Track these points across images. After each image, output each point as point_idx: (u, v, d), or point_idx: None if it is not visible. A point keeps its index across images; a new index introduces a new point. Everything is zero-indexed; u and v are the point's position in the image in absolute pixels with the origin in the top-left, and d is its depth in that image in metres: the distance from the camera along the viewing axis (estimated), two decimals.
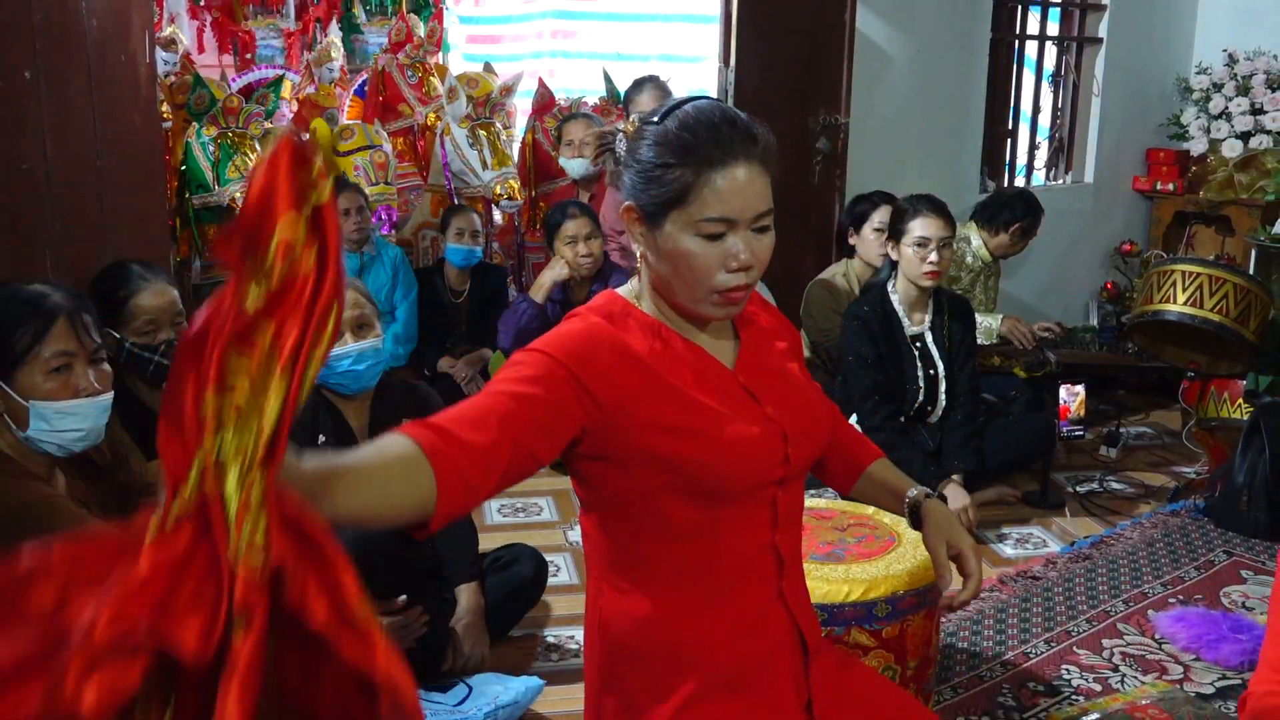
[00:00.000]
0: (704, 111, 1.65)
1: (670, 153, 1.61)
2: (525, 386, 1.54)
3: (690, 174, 1.60)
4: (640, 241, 1.66)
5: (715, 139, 1.62)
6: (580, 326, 1.65)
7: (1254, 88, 5.66)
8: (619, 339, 1.64)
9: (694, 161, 1.60)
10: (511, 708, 2.56)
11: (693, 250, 1.61)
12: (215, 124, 4.31)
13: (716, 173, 1.60)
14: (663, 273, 1.65)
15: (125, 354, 2.85)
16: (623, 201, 1.69)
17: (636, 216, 1.65)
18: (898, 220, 3.82)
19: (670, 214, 1.61)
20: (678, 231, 1.61)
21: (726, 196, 1.60)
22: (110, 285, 2.86)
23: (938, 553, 1.79)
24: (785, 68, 4.64)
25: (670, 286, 1.66)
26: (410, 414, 2.74)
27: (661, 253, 1.63)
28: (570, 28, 6.91)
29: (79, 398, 2.09)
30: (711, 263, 1.61)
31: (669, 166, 1.60)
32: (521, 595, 2.89)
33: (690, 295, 1.64)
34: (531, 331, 4.34)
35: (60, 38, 2.95)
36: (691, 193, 1.60)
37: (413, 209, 5.22)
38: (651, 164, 1.62)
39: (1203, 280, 4.00)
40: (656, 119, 1.65)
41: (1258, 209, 5.58)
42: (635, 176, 1.64)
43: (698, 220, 1.60)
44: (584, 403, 1.57)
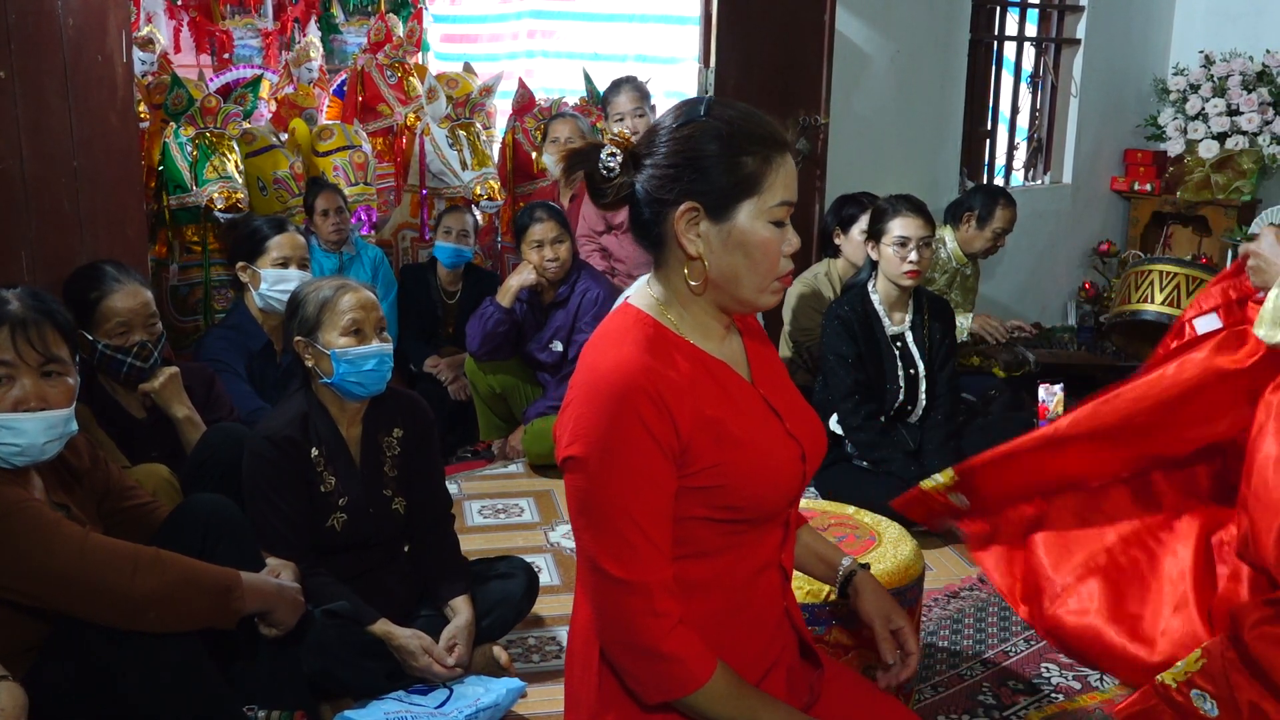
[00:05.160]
0: (738, 103, 1.66)
1: (737, 142, 1.60)
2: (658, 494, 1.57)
3: (760, 161, 1.60)
4: (698, 242, 1.63)
5: (772, 127, 1.63)
6: (643, 384, 1.57)
7: (1230, 89, 5.70)
8: (671, 383, 1.60)
9: (763, 148, 1.61)
10: (492, 710, 2.55)
11: (767, 238, 1.62)
12: (193, 124, 4.28)
13: (780, 158, 1.62)
14: (728, 267, 1.63)
15: (98, 356, 2.83)
16: (674, 204, 1.63)
17: (700, 214, 1.62)
18: (877, 220, 3.84)
19: (742, 204, 1.60)
20: (751, 221, 1.61)
21: (789, 181, 1.63)
22: (82, 287, 2.85)
23: (880, 631, 1.87)
24: (765, 68, 4.65)
25: (737, 281, 1.64)
26: (404, 425, 2.76)
27: (731, 246, 1.62)
28: (548, 27, 6.89)
29: (17, 411, 2.05)
30: (779, 249, 1.63)
31: (739, 155, 1.60)
32: (511, 609, 2.88)
33: (757, 286, 1.65)
34: (500, 335, 4.33)
35: (36, 37, 2.93)
36: (764, 180, 1.60)
37: (392, 209, 5.20)
38: (717, 156, 1.60)
39: (1180, 280, 4.03)
40: (690, 117, 1.63)
41: (1234, 209, 5.63)
42: (693, 173, 1.60)
43: (771, 206, 1.61)
44: (671, 458, 1.59)
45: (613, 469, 1.55)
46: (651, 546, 1.58)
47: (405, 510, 2.79)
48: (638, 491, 1.56)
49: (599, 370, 1.59)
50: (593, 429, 1.56)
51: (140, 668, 2.05)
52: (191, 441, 2.93)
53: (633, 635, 1.59)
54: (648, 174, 1.65)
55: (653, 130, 1.68)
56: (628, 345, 1.62)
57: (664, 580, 1.59)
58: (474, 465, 4.42)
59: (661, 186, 1.63)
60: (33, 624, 2.05)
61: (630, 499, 1.56)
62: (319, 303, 2.68)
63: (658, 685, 1.60)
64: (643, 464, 1.55)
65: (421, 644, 2.60)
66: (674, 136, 1.63)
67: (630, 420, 1.55)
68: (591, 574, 1.61)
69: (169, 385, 2.95)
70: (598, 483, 1.56)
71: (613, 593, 1.58)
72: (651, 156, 1.65)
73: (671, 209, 1.63)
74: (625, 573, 1.56)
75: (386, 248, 5.06)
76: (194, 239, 4.38)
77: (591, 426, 1.56)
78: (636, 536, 1.56)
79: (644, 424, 1.55)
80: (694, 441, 1.59)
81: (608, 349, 1.63)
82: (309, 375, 2.72)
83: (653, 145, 1.66)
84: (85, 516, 2.22)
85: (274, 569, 2.44)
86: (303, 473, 2.65)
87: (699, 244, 1.63)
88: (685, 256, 1.64)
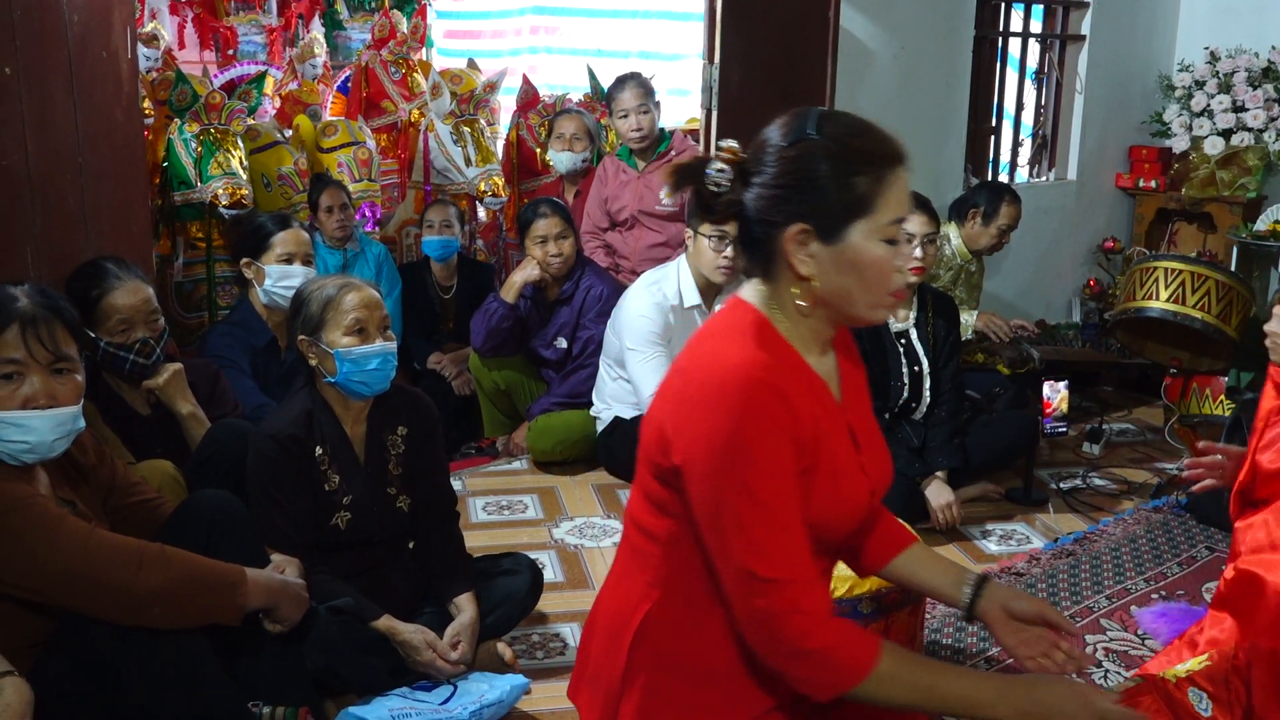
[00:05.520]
0: (851, 116, 1.63)
1: (849, 162, 1.57)
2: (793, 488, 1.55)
3: (873, 180, 1.57)
4: (809, 263, 1.60)
5: (884, 141, 1.61)
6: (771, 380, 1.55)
7: (1235, 85, 5.69)
8: (792, 387, 1.57)
9: (875, 167, 1.58)
10: (496, 706, 2.56)
11: (881, 257, 1.59)
12: (197, 120, 4.28)
13: (893, 174, 1.59)
14: (840, 287, 1.61)
15: (101, 353, 2.83)
16: (784, 225, 1.60)
17: (811, 236, 1.59)
18: None
19: (854, 224, 1.57)
20: (864, 241, 1.58)
21: (903, 197, 1.60)
22: (83, 285, 2.85)
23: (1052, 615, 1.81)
24: (769, 65, 4.64)
25: (849, 300, 1.62)
26: (408, 423, 2.76)
27: (844, 266, 1.59)
28: (552, 23, 6.89)
29: (27, 409, 2.05)
30: (893, 266, 1.61)
31: (851, 176, 1.57)
32: (516, 606, 2.88)
33: (869, 303, 1.63)
34: (504, 331, 4.34)
35: (40, 33, 2.93)
36: (876, 199, 1.57)
37: (396, 206, 5.20)
38: (828, 177, 1.57)
39: (1185, 277, 4.02)
40: (800, 135, 1.60)
41: (1239, 206, 5.61)
42: (803, 195, 1.58)
43: (884, 225, 1.58)
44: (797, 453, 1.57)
45: (748, 465, 1.52)
46: (794, 542, 1.56)
47: (410, 508, 2.79)
48: (775, 486, 1.53)
49: (720, 367, 1.56)
50: (718, 429, 1.53)
51: (145, 664, 2.05)
52: (196, 438, 2.93)
53: (787, 640, 1.55)
54: (756, 192, 1.62)
55: (761, 146, 1.64)
56: (750, 344, 1.59)
57: (810, 576, 1.57)
58: (478, 462, 4.42)
59: (771, 207, 1.61)
60: (37, 620, 2.06)
61: (769, 495, 1.53)
62: (322, 301, 2.67)
63: (819, 680, 1.56)
64: (777, 457, 1.53)
65: (425, 639, 2.60)
66: (783, 156, 1.60)
67: (759, 414, 1.52)
68: (736, 581, 1.56)
69: (172, 382, 2.95)
70: (732, 482, 1.53)
71: (761, 596, 1.54)
72: (760, 175, 1.62)
73: (781, 229, 1.60)
74: (772, 571, 1.53)
75: (391, 244, 5.06)
76: (198, 235, 4.39)
77: (716, 427, 1.53)
78: (779, 533, 1.54)
79: (773, 417, 1.52)
80: (804, 451, 1.57)
81: (726, 346, 1.60)
82: (313, 373, 2.72)
83: (761, 163, 1.62)
84: (91, 513, 2.22)
85: (278, 565, 2.44)
86: (307, 471, 2.65)
87: (810, 265, 1.60)
88: (795, 276, 1.62)
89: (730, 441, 1.52)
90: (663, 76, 5.71)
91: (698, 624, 1.66)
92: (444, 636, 2.65)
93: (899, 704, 1.59)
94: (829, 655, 1.55)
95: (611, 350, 4.16)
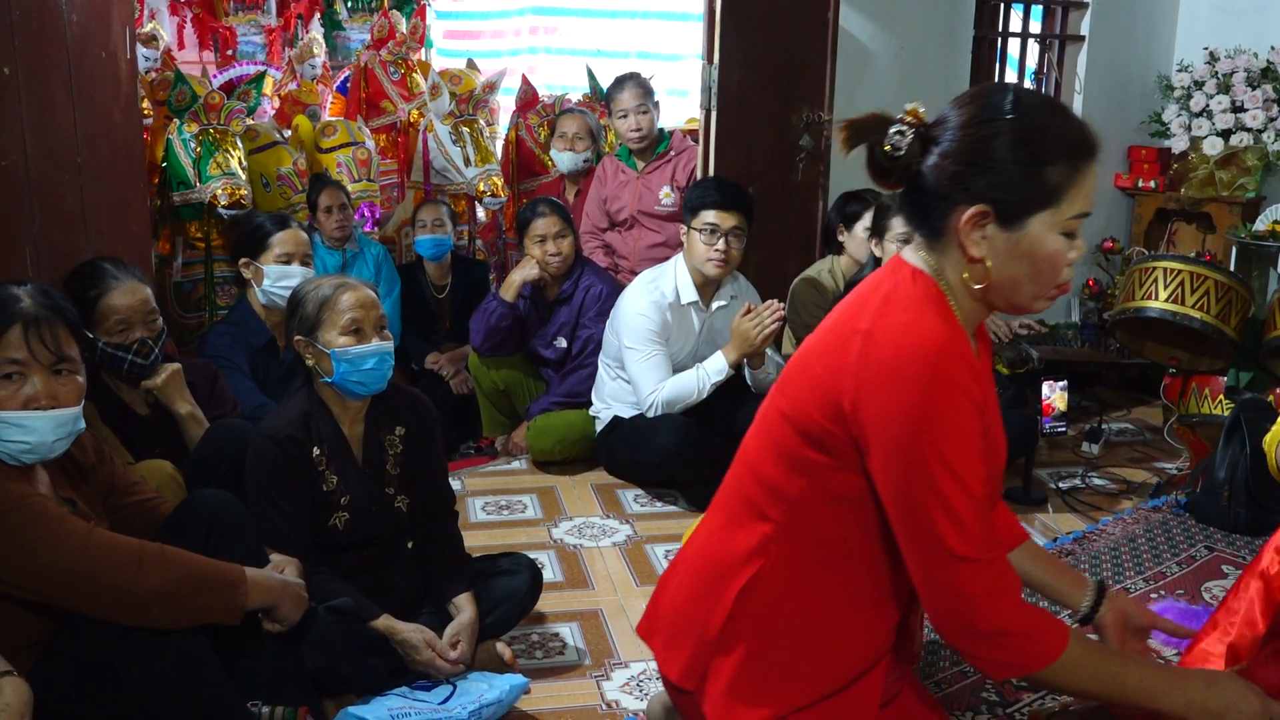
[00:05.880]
0: (1053, 101, 1.56)
1: (1044, 150, 1.51)
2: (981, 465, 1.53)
3: (1065, 171, 1.51)
4: (982, 245, 1.55)
5: (1081, 130, 1.54)
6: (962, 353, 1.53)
7: (1234, 85, 5.69)
8: (976, 373, 1.55)
9: (1070, 158, 1.52)
10: (496, 706, 2.55)
11: (1057, 249, 1.54)
12: (196, 120, 4.28)
13: (1087, 166, 1.53)
14: (1009, 274, 1.56)
15: (99, 354, 2.83)
16: (963, 203, 1.55)
17: (990, 219, 1.53)
18: (881, 217, 3.83)
19: (1038, 214, 1.52)
20: (1044, 231, 1.53)
21: (1091, 191, 1.54)
22: (81, 285, 2.85)
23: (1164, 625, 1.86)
24: (768, 65, 4.64)
25: (1015, 288, 1.58)
26: (406, 423, 2.76)
27: (1018, 254, 1.54)
28: (551, 23, 6.90)
29: (28, 409, 2.05)
30: (1067, 259, 1.56)
31: (1044, 165, 1.51)
32: (515, 605, 2.87)
33: (1034, 294, 1.59)
34: (503, 330, 4.34)
35: (39, 33, 2.93)
36: (1066, 191, 1.52)
37: (395, 206, 5.20)
38: (1020, 164, 1.51)
39: (1184, 277, 4.01)
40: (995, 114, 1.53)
41: (1238, 206, 5.61)
42: (990, 177, 1.51)
43: (1067, 218, 1.53)
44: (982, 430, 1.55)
45: (945, 439, 1.48)
46: (986, 520, 1.52)
47: (408, 508, 2.79)
48: (971, 462, 1.50)
49: (915, 340, 1.51)
50: (917, 403, 1.48)
51: (144, 663, 2.05)
52: (194, 438, 2.93)
53: (980, 621, 1.52)
54: (936, 162, 1.56)
55: (950, 116, 1.57)
56: (936, 318, 1.54)
57: (1003, 556, 1.54)
58: (477, 461, 4.42)
59: (951, 181, 1.55)
60: (37, 620, 2.06)
61: (965, 469, 1.49)
62: (318, 301, 2.67)
63: (1006, 662, 1.54)
64: (971, 431, 1.50)
65: (424, 638, 2.60)
66: (972, 132, 1.54)
67: (957, 388, 1.48)
68: (926, 559, 1.52)
69: (171, 382, 2.95)
70: (931, 456, 1.48)
71: (956, 574, 1.50)
72: (943, 144, 1.55)
73: (958, 207, 1.54)
74: (972, 549, 1.50)
75: (390, 244, 5.06)
76: (197, 235, 4.39)
77: (915, 401, 1.48)
78: (975, 509, 1.50)
79: (967, 391, 1.49)
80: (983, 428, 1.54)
81: (916, 317, 1.54)
82: (310, 374, 2.72)
83: (947, 134, 1.55)
84: (91, 512, 2.22)
85: (278, 565, 2.44)
86: (305, 472, 2.65)
87: (983, 247, 1.55)
88: (964, 256, 1.57)
89: (929, 415, 1.47)
90: (662, 77, 5.71)
91: (815, 586, 1.64)
92: (443, 636, 2.65)
93: (1075, 689, 1.57)
94: (1023, 640, 1.52)
95: (610, 350, 4.16)
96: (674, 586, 1.80)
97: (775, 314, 3.83)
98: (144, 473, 2.61)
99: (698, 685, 1.71)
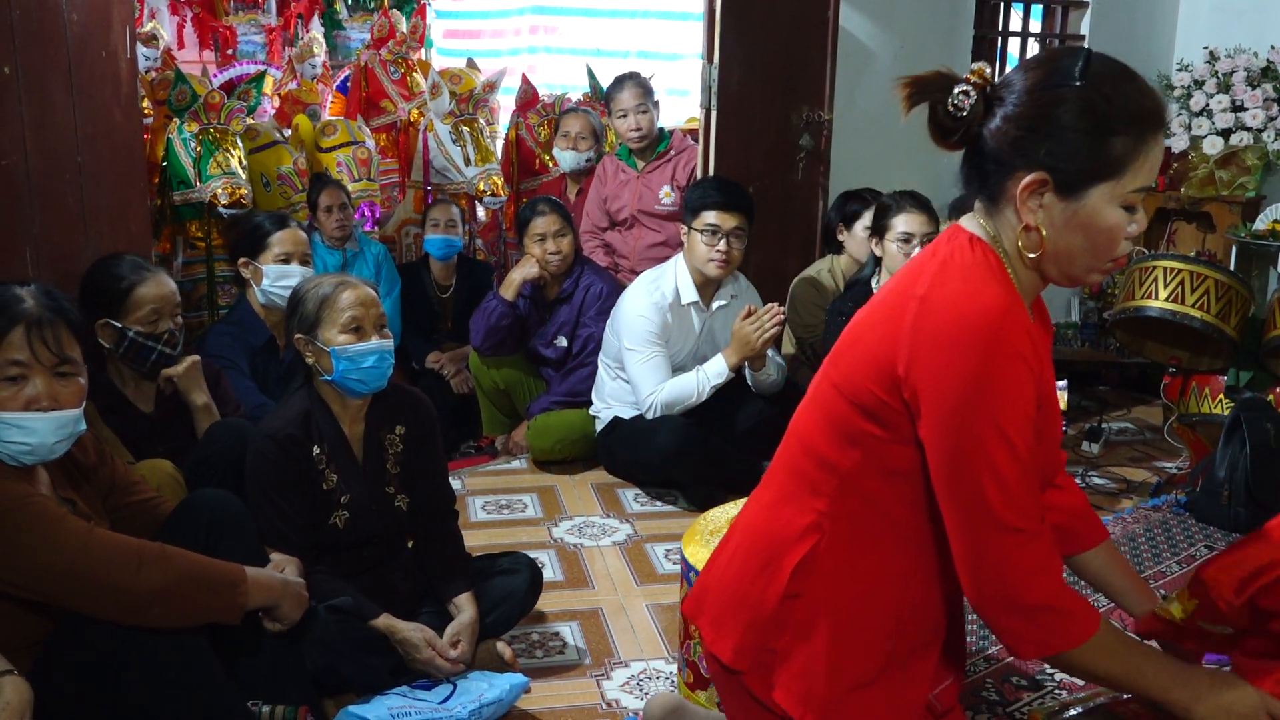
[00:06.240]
0: (1125, 68, 1.51)
1: (1112, 119, 1.47)
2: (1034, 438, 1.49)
3: (1132, 142, 1.47)
4: (1039, 213, 1.52)
5: (1152, 100, 1.49)
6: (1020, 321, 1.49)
7: (1234, 85, 5.68)
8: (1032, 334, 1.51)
9: (1138, 128, 1.47)
10: (496, 705, 2.56)
11: (1116, 223, 1.51)
12: (197, 120, 4.28)
13: (1154, 137, 1.49)
14: (1064, 245, 1.53)
15: (128, 343, 2.84)
16: (1023, 169, 1.51)
17: (1049, 187, 1.50)
18: (881, 216, 3.84)
19: (1098, 186, 1.49)
20: (1103, 204, 1.49)
21: (1156, 164, 1.50)
22: (111, 275, 2.88)
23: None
24: (768, 64, 4.64)
25: (1069, 259, 1.55)
26: (406, 422, 2.76)
27: (1075, 225, 1.51)
28: (551, 23, 6.89)
29: (30, 410, 2.05)
30: (1125, 233, 1.52)
31: (1110, 135, 1.47)
32: (515, 605, 2.88)
33: (1088, 266, 1.56)
34: (503, 329, 4.34)
35: (39, 33, 2.93)
36: (1130, 163, 1.48)
37: (395, 205, 5.20)
38: (1086, 132, 1.47)
39: (1184, 276, 4.01)
40: (1064, 79, 1.48)
41: (1238, 205, 5.60)
42: (1053, 145, 1.48)
43: (1128, 192, 1.50)
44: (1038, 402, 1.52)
45: (1001, 406, 1.45)
46: (1036, 492, 1.50)
47: (408, 507, 2.79)
48: (1024, 431, 1.47)
49: (974, 307, 1.48)
50: (972, 370, 1.45)
51: (144, 663, 2.05)
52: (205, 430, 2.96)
53: (1020, 594, 1.50)
54: (999, 126, 1.53)
55: (1016, 79, 1.53)
56: (994, 284, 1.52)
57: (1049, 531, 1.52)
58: (477, 461, 4.42)
59: (1011, 147, 1.52)
60: (37, 619, 2.06)
61: (1019, 438, 1.46)
62: (318, 300, 2.67)
63: (1042, 640, 1.52)
64: (1026, 401, 1.47)
65: (424, 636, 2.60)
66: (1040, 99, 1.50)
67: (1014, 355, 1.45)
68: (970, 528, 1.50)
69: (190, 372, 2.98)
70: (985, 423, 1.46)
71: (1003, 544, 1.48)
72: (1007, 107, 1.52)
73: (1017, 173, 1.52)
74: (1020, 520, 1.47)
75: (390, 244, 5.07)
76: (197, 235, 4.39)
77: (970, 368, 1.45)
78: (1027, 479, 1.48)
79: (1025, 358, 1.46)
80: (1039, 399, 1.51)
81: (975, 284, 1.51)
82: (310, 373, 2.72)
83: (1012, 97, 1.52)
84: (91, 512, 2.22)
85: (278, 564, 2.44)
86: (305, 471, 2.65)
87: (1039, 215, 1.52)
88: (1019, 223, 1.54)
89: (985, 380, 1.45)
90: (662, 76, 5.72)
91: (869, 563, 1.63)
92: (443, 635, 2.65)
93: (1097, 672, 1.55)
94: (1058, 618, 1.51)
95: (610, 350, 4.16)
96: (723, 564, 1.77)
97: (775, 317, 3.84)
98: (144, 472, 2.62)
99: (750, 665, 1.68)
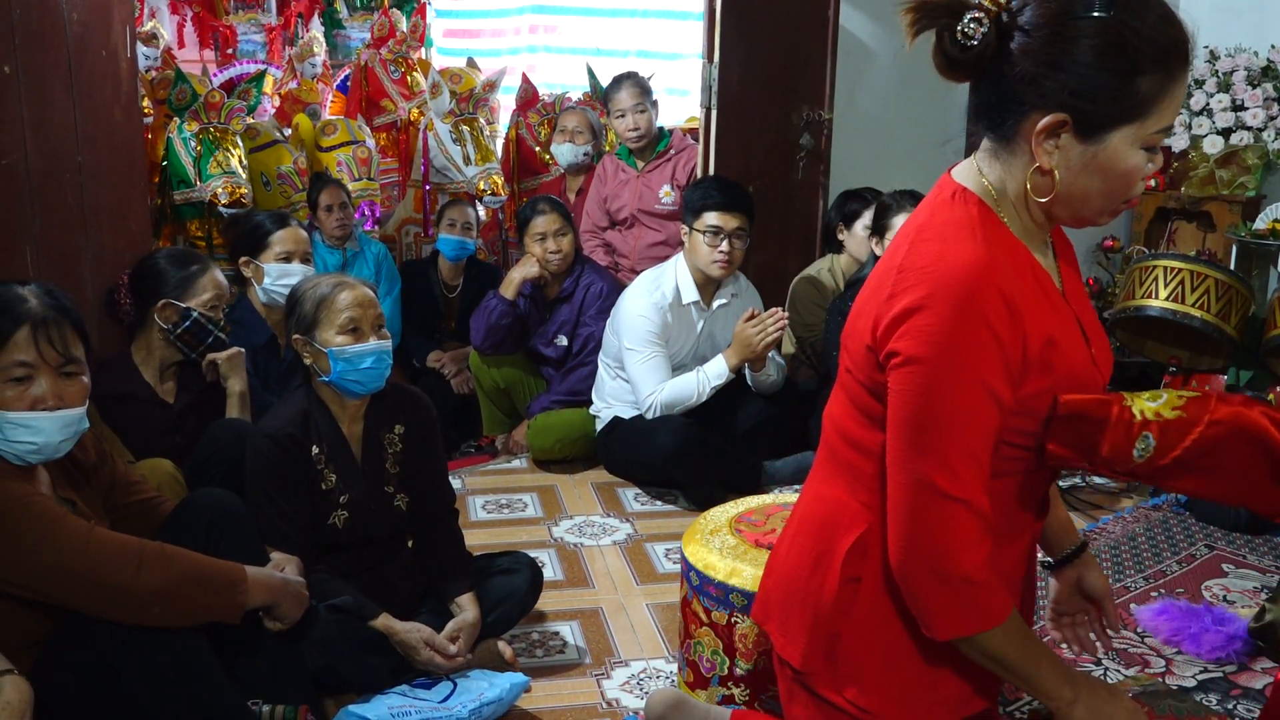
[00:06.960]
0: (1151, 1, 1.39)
1: (1140, 57, 1.37)
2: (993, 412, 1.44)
3: (1159, 81, 1.38)
4: (1055, 155, 1.43)
5: (1180, 33, 1.39)
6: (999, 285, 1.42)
7: (1235, 84, 5.68)
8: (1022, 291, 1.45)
9: (1165, 66, 1.38)
10: (496, 704, 2.55)
11: (1135, 165, 1.43)
12: (197, 119, 4.28)
13: (1181, 74, 1.40)
14: (1080, 188, 1.45)
15: (191, 322, 3.00)
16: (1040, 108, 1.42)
17: (1067, 128, 1.41)
18: (881, 216, 3.83)
19: (1121, 128, 1.40)
20: (1124, 146, 1.41)
21: (1179, 103, 1.42)
22: (184, 260, 3.09)
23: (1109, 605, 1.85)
24: (768, 64, 4.64)
25: (1084, 201, 1.47)
26: (405, 421, 2.76)
27: (1093, 168, 1.43)
28: (551, 22, 6.90)
29: (36, 410, 2.05)
30: (1141, 174, 1.45)
31: (1137, 75, 1.37)
32: (515, 604, 2.88)
33: (1101, 208, 1.48)
34: (503, 329, 4.34)
35: (40, 32, 2.93)
36: (1155, 104, 1.39)
37: (396, 205, 5.20)
38: (1111, 71, 1.37)
39: (1184, 276, 4.01)
40: (1086, 8, 1.37)
41: (1238, 205, 5.60)
42: (1074, 81, 1.38)
43: (1152, 133, 1.41)
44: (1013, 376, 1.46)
45: (957, 375, 1.41)
46: (980, 467, 1.45)
47: (408, 507, 2.79)
48: (976, 404, 1.42)
49: (945, 269, 1.42)
50: (939, 330, 1.40)
51: (144, 663, 2.05)
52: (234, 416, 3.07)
53: (948, 561, 1.45)
54: (1015, 60, 1.42)
55: (1034, 4, 1.42)
56: (974, 242, 1.45)
57: (985, 505, 1.47)
58: (478, 460, 4.42)
59: (1028, 83, 1.41)
60: (37, 619, 2.06)
61: (969, 410, 1.42)
62: (316, 300, 2.67)
63: (957, 617, 1.48)
64: (987, 374, 1.41)
65: (422, 636, 2.60)
66: (1059, 30, 1.38)
67: (979, 323, 1.40)
68: (911, 490, 1.46)
69: (236, 359, 3.11)
70: (938, 388, 1.42)
71: (937, 510, 1.44)
72: (1023, 39, 1.41)
73: (1034, 112, 1.42)
74: (957, 489, 1.43)
75: (390, 243, 5.07)
76: (198, 234, 4.39)
77: (938, 328, 1.40)
78: (970, 452, 1.43)
79: (994, 331, 1.40)
80: (1036, 362, 1.46)
81: (950, 247, 1.45)
82: (309, 372, 2.72)
83: (1030, 26, 1.41)
84: (92, 511, 2.22)
85: (278, 563, 2.44)
86: (304, 470, 2.65)
87: (1055, 157, 1.43)
88: (1032, 164, 1.46)
89: (943, 344, 1.40)
90: (662, 76, 5.72)
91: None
92: (443, 634, 2.65)
93: (997, 659, 1.52)
94: (980, 592, 1.47)
95: (610, 349, 4.16)
96: (780, 560, 1.74)
97: (779, 322, 3.84)
98: (145, 471, 2.62)
99: (820, 665, 1.64)
